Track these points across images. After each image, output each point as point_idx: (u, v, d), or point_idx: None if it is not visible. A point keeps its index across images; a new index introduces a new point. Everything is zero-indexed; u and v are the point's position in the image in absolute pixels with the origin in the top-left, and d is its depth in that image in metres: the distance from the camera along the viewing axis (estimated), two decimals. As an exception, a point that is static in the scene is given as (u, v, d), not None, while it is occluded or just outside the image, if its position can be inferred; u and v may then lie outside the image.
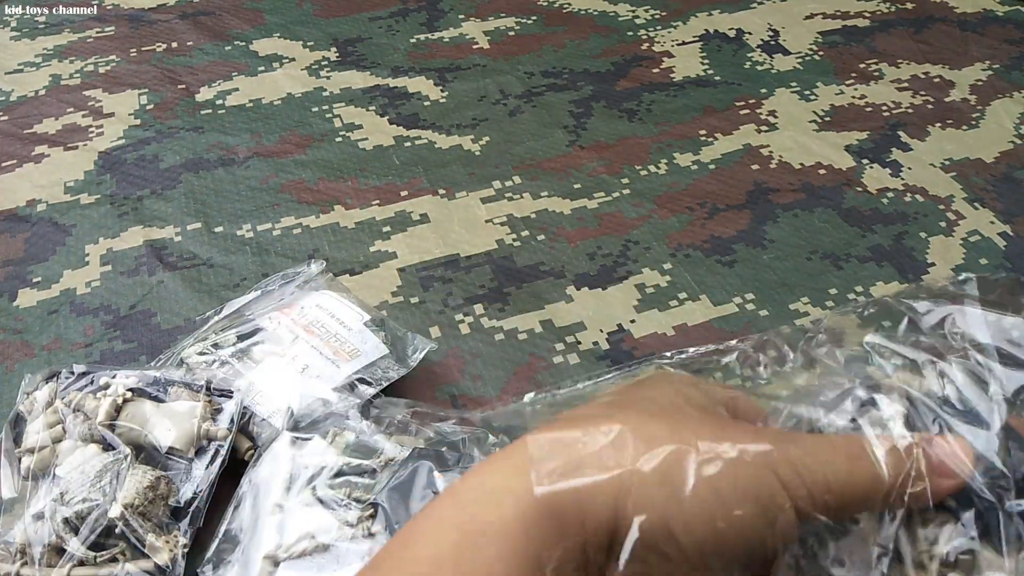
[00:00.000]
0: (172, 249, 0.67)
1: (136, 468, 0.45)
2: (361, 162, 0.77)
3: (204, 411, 0.48)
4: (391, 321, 0.57)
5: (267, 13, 0.99)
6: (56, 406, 0.48)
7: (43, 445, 0.47)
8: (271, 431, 0.49)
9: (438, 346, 0.57)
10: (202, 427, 0.48)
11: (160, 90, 0.86)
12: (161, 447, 0.47)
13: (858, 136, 0.80)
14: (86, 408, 0.48)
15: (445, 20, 0.98)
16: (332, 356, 0.53)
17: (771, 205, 0.72)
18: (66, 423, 0.48)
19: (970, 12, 0.99)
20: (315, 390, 0.50)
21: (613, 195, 0.73)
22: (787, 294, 0.64)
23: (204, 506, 0.46)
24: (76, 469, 0.45)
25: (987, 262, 0.66)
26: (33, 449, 0.47)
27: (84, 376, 0.50)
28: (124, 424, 0.47)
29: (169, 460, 0.47)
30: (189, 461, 0.47)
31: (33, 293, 0.64)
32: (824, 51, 0.92)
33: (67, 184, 0.74)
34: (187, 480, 0.46)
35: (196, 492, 0.46)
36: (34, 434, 0.47)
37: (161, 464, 0.47)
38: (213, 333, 0.55)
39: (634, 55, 0.92)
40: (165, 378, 0.50)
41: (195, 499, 0.46)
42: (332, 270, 0.63)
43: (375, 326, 0.55)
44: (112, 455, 0.46)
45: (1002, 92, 0.86)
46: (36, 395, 0.49)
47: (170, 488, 0.45)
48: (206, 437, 0.48)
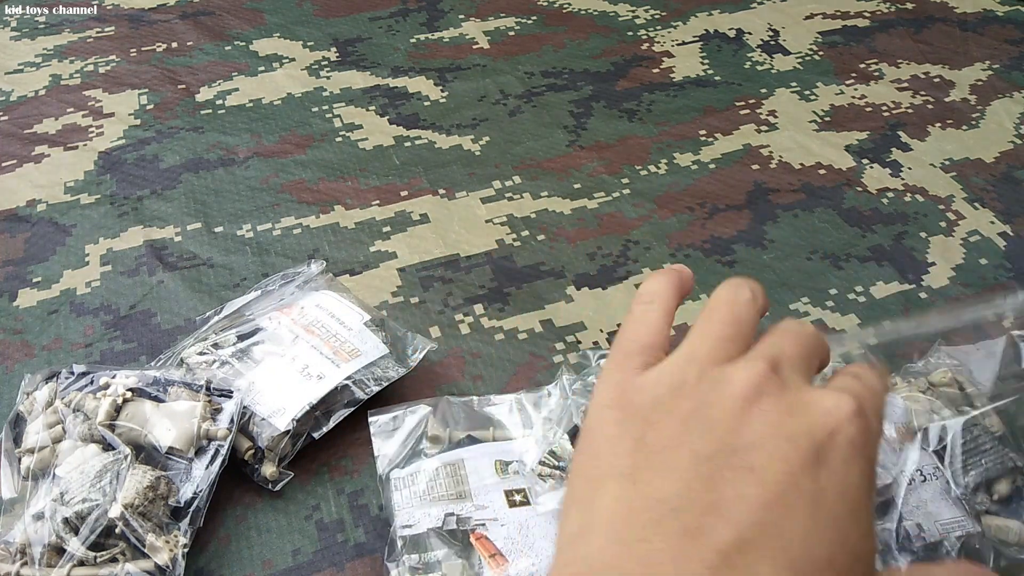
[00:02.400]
0: (172, 249, 0.67)
1: (136, 468, 0.45)
2: (361, 162, 0.77)
3: (204, 411, 0.48)
4: (391, 321, 0.57)
5: (267, 13, 0.99)
6: (56, 406, 0.48)
7: (43, 445, 0.47)
8: (271, 431, 0.49)
9: (438, 346, 0.57)
10: (202, 427, 0.48)
11: (160, 90, 0.86)
12: (161, 447, 0.47)
13: (858, 136, 0.80)
14: (86, 408, 0.48)
15: (445, 20, 0.98)
16: (332, 356, 0.53)
17: (771, 205, 0.72)
18: (66, 423, 0.48)
19: (970, 12, 0.99)
20: (315, 390, 0.50)
21: (613, 195, 0.73)
22: (787, 294, 0.64)
23: (204, 506, 0.46)
24: (76, 469, 0.45)
25: (987, 262, 0.66)
26: (33, 449, 0.47)
27: (84, 376, 0.50)
28: (124, 424, 0.47)
29: (169, 460, 0.47)
30: (189, 461, 0.47)
31: (33, 293, 0.64)
32: (824, 51, 0.92)
33: (67, 184, 0.74)
34: (187, 480, 0.46)
35: (196, 492, 0.46)
36: (34, 434, 0.47)
37: (161, 464, 0.47)
38: (213, 333, 0.55)
39: (634, 55, 0.92)
40: (165, 378, 0.50)
41: (195, 499, 0.46)
42: (332, 270, 0.63)
43: (375, 326, 0.55)
44: (112, 455, 0.46)
45: (1002, 92, 0.86)
46: (36, 395, 0.49)
47: (170, 488, 0.45)
48: (206, 437, 0.48)
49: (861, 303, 0.63)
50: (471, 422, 0.50)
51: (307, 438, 0.50)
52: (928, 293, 0.64)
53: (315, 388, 0.51)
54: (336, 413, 0.50)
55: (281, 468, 0.49)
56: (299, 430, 0.50)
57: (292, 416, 0.49)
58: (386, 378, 0.52)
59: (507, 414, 0.50)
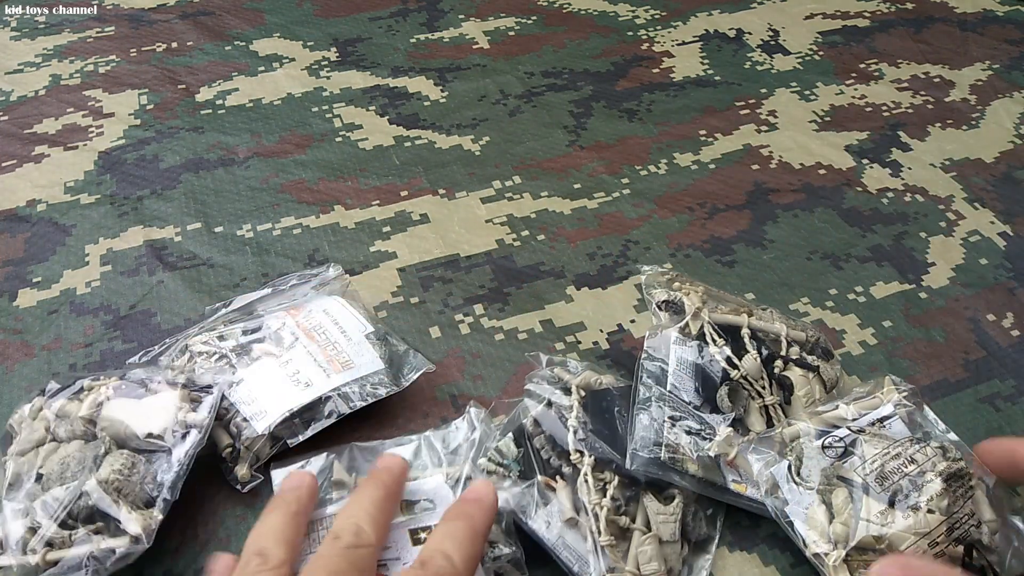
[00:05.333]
0: (172, 249, 0.67)
1: (116, 452, 0.46)
2: (361, 162, 0.77)
3: (182, 399, 0.48)
4: (394, 337, 0.57)
5: (267, 13, 0.99)
6: (44, 415, 0.48)
7: (27, 448, 0.47)
8: (250, 431, 0.49)
9: (435, 368, 0.56)
10: (179, 416, 0.48)
11: (160, 90, 0.86)
12: (140, 434, 0.47)
13: (858, 136, 0.80)
14: (68, 411, 0.48)
15: (445, 20, 0.98)
16: (325, 364, 0.52)
17: (771, 205, 0.72)
18: (51, 428, 0.48)
19: (970, 12, 0.99)
20: (299, 397, 0.50)
21: (613, 195, 0.73)
22: (787, 294, 0.64)
23: (180, 480, 0.46)
24: (57, 462, 0.45)
25: (987, 262, 0.66)
26: (23, 452, 0.47)
27: (68, 387, 0.50)
28: (106, 417, 0.47)
29: (149, 443, 0.47)
30: (168, 447, 0.47)
31: (33, 293, 0.64)
32: (824, 51, 0.92)
33: (67, 184, 0.74)
34: (167, 467, 0.46)
35: (176, 474, 0.46)
36: (22, 443, 0.47)
37: (141, 450, 0.47)
38: (222, 324, 0.55)
39: (634, 55, 0.92)
40: (146, 377, 0.50)
41: (175, 478, 0.46)
42: (332, 270, 0.63)
43: (376, 339, 0.55)
44: (92, 445, 0.46)
45: (1002, 92, 0.86)
46: (24, 409, 0.50)
47: (148, 471, 0.45)
48: (184, 424, 0.48)
49: (861, 303, 0.63)
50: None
51: (283, 444, 0.50)
52: (928, 293, 0.64)
53: (300, 395, 0.50)
54: (315, 423, 0.50)
55: (254, 471, 0.49)
56: (278, 434, 0.50)
57: (271, 421, 0.49)
58: (374, 395, 0.51)
59: (413, 455, 0.50)
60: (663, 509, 0.45)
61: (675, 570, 0.45)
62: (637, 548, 0.44)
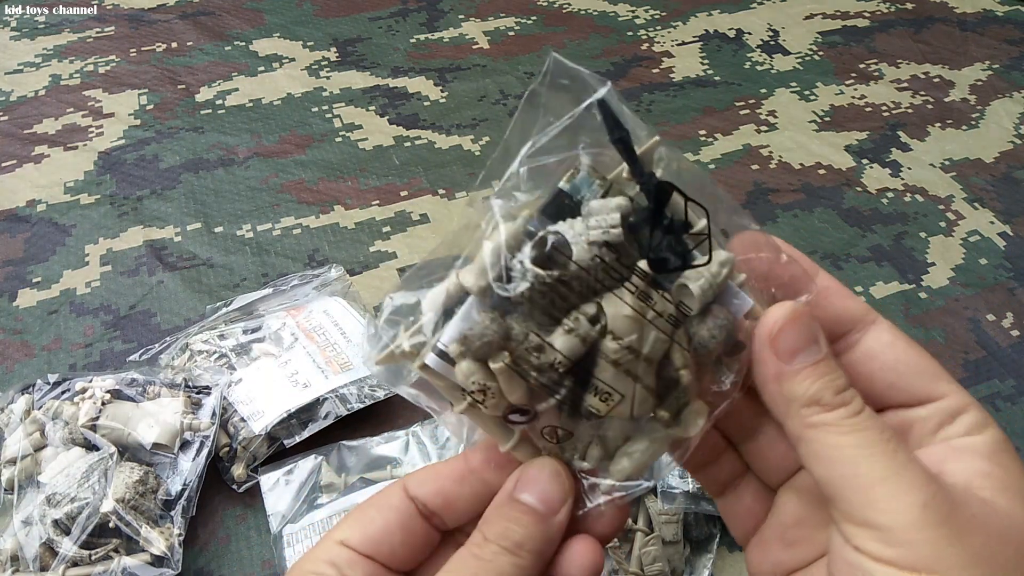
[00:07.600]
0: (172, 249, 0.67)
1: (123, 465, 0.45)
2: (361, 162, 0.77)
3: (185, 405, 0.48)
4: None
5: (267, 13, 0.99)
6: (34, 415, 0.48)
7: (25, 454, 0.46)
8: (247, 431, 0.49)
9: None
10: (184, 421, 0.48)
11: (160, 90, 0.86)
12: (146, 444, 0.47)
13: (858, 136, 0.80)
14: (65, 414, 0.48)
15: (445, 20, 0.98)
16: (324, 365, 0.52)
17: (771, 205, 0.72)
18: (46, 431, 0.47)
19: (970, 12, 0.99)
20: (297, 398, 0.50)
21: (613, 195, 0.73)
22: (787, 294, 0.63)
23: (195, 496, 0.46)
24: (61, 472, 0.45)
25: (987, 262, 0.66)
26: (14, 460, 0.46)
27: (59, 385, 0.50)
28: (106, 424, 0.47)
29: (155, 456, 0.47)
30: (174, 456, 0.47)
31: (33, 293, 0.64)
32: (824, 51, 0.92)
33: (67, 184, 0.74)
34: (174, 474, 0.46)
35: (185, 483, 0.46)
36: (13, 446, 0.47)
37: (147, 461, 0.47)
38: (223, 323, 0.55)
39: (634, 55, 0.92)
40: (143, 379, 0.50)
41: (185, 490, 0.46)
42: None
43: None
44: (97, 455, 0.46)
45: (1002, 92, 0.86)
46: (12, 408, 0.49)
47: (159, 482, 0.46)
48: (189, 429, 0.48)
49: (861, 303, 0.63)
50: (366, 465, 0.50)
51: (279, 444, 0.50)
52: (928, 293, 0.64)
53: (298, 396, 0.50)
54: (312, 424, 0.50)
55: (250, 471, 0.49)
56: (275, 435, 0.50)
57: (269, 422, 0.49)
58: (371, 396, 0.51)
59: (403, 451, 0.50)
60: (665, 510, 0.45)
61: (678, 570, 0.45)
62: (640, 549, 0.44)
